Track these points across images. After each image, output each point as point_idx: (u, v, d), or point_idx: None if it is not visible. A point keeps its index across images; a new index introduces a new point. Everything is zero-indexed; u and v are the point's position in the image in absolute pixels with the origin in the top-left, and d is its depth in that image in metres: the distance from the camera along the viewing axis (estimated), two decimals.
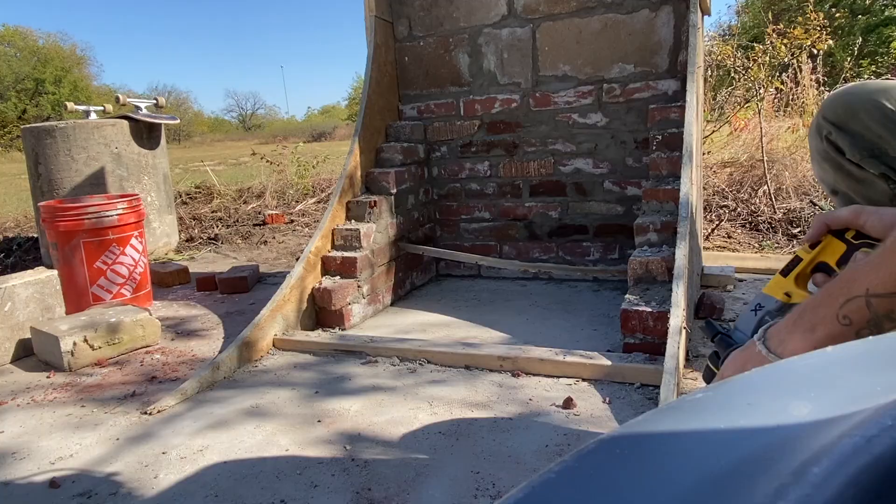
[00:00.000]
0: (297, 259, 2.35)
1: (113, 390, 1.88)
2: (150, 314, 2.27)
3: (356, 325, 2.33)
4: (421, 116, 2.89)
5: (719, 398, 0.29)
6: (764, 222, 3.46)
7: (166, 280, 3.11)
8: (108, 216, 2.57)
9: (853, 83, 1.25)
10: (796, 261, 0.82)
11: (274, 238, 4.24)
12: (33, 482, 1.38)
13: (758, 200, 3.73)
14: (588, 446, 0.26)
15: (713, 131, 4.54)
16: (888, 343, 0.32)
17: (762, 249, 3.13)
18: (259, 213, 5.07)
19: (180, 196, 5.81)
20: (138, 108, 3.85)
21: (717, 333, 0.85)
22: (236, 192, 5.94)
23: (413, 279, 2.78)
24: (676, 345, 1.59)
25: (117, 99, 3.93)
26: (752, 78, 4.35)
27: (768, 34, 4.28)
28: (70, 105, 3.85)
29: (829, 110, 1.24)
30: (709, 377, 0.88)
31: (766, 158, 3.84)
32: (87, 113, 3.89)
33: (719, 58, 4.55)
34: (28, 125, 3.74)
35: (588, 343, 2.02)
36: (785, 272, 0.82)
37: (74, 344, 2.05)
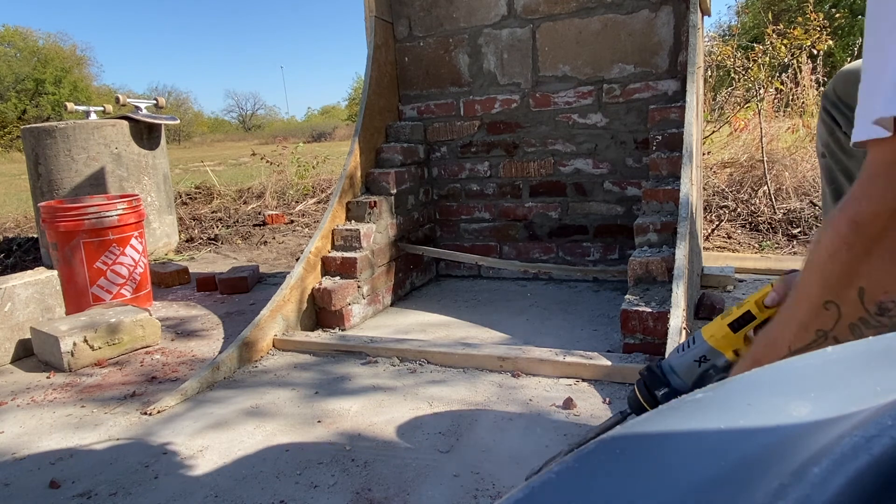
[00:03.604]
0: (297, 259, 2.35)
1: (113, 390, 1.88)
2: (150, 314, 2.27)
3: (356, 325, 2.33)
4: (421, 117, 2.89)
5: (719, 398, 0.29)
6: (764, 223, 3.46)
7: (166, 280, 3.11)
8: (108, 216, 2.57)
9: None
10: (748, 317, 0.78)
11: (274, 238, 4.24)
12: (33, 482, 1.38)
13: (758, 201, 3.73)
14: (588, 446, 0.26)
15: (713, 131, 4.54)
16: (888, 343, 0.32)
17: (762, 250, 3.13)
18: (259, 213, 5.07)
19: (180, 196, 5.81)
20: (138, 108, 3.85)
21: (664, 385, 0.83)
22: (236, 193, 5.94)
23: (413, 279, 2.78)
24: (677, 345, 1.59)
25: (117, 99, 3.93)
26: (752, 78, 4.35)
27: (768, 34, 4.28)
28: (70, 105, 3.85)
29: (841, 84, 1.24)
30: (636, 408, 0.86)
31: (766, 159, 3.84)
32: (87, 113, 3.90)
33: (719, 58, 4.55)
34: (28, 125, 3.74)
35: (588, 343, 2.02)
36: (735, 327, 0.79)
37: (74, 344, 2.05)
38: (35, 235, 4.42)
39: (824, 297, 0.55)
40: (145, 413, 1.68)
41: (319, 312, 2.27)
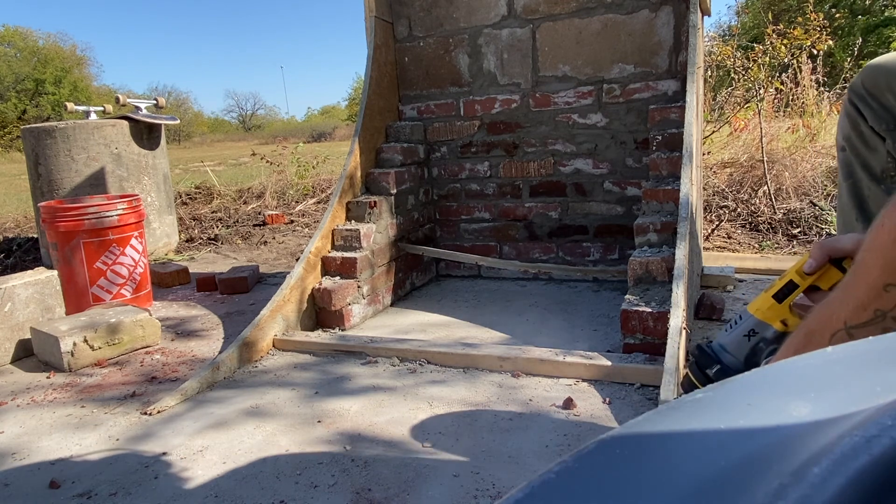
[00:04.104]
0: (297, 259, 2.35)
1: (113, 391, 1.88)
2: (150, 314, 2.27)
3: (356, 325, 2.33)
4: (421, 117, 2.89)
5: (719, 398, 0.29)
6: (764, 223, 3.46)
7: (166, 280, 3.11)
8: (108, 216, 2.57)
9: None
10: (791, 286, 0.80)
11: (274, 238, 4.24)
12: (33, 482, 1.38)
13: (758, 201, 3.73)
14: (588, 447, 0.26)
15: (713, 131, 4.54)
16: (888, 343, 0.32)
17: (762, 250, 3.13)
18: (259, 213, 5.07)
19: (180, 196, 5.81)
20: (138, 108, 3.85)
21: (715, 363, 0.83)
22: (236, 193, 5.94)
23: (413, 279, 2.78)
24: (676, 345, 1.59)
25: (117, 99, 3.93)
26: (752, 78, 4.35)
27: (768, 34, 4.28)
28: (70, 105, 3.85)
29: (870, 78, 1.23)
30: (691, 391, 0.87)
31: (765, 159, 3.84)
32: (87, 113, 3.89)
33: (719, 58, 4.55)
34: (28, 126, 3.74)
35: (588, 343, 2.02)
36: (779, 297, 0.80)
37: (74, 344, 2.05)
38: (35, 235, 4.42)
39: (885, 280, 0.55)
40: (145, 413, 1.68)
41: (319, 312, 2.27)
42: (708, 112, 4.72)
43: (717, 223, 3.45)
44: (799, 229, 3.30)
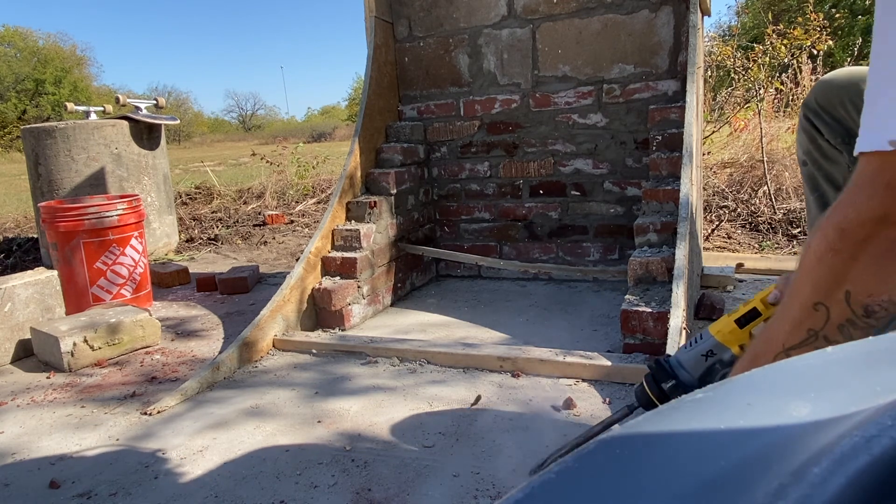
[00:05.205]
0: (297, 259, 2.35)
1: (113, 391, 1.88)
2: (150, 315, 2.27)
3: (356, 325, 2.33)
4: (421, 117, 2.89)
5: (719, 398, 0.29)
6: (764, 223, 3.46)
7: (166, 280, 3.11)
8: (108, 216, 2.57)
9: (851, 67, 1.27)
10: (754, 314, 0.82)
11: (274, 238, 4.24)
12: (33, 482, 1.38)
13: (758, 201, 3.73)
14: (588, 447, 0.26)
15: (713, 132, 4.54)
16: (888, 343, 0.32)
17: (762, 250, 3.13)
18: (259, 213, 5.07)
19: (180, 196, 5.81)
20: (138, 108, 3.85)
21: (671, 378, 0.86)
22: (236, 193, 5.94)
23: (413, 279, 2.78)
24: (676, 345, 1.59)
25: (117, 99, 3.93)
26: (751, 78, 4.35)
27: (768, 34, 4.28)
28: (70, 105, 3.85)
29: (822, 94, 1.26)
30: (644, 401, 0.89)
31: (765, 159, 3.84)
32: (87, 113, 3.90)
33: (719, 58, 4.55)
34: (28, 126, 3.74)
35: (588, 343, 2.02)
36: (741, 323, 0.83)
37: (74, 344, 2.05)
38: (35, 235, 4.42)
39: (814, 298, 0.58)
40: (145, 413, 1.68)
41: (319, 312, 2.27)
42: (708, 112, 4.72)
43: (717, 223, 3.45)
44: (799, 229, 3.30)
